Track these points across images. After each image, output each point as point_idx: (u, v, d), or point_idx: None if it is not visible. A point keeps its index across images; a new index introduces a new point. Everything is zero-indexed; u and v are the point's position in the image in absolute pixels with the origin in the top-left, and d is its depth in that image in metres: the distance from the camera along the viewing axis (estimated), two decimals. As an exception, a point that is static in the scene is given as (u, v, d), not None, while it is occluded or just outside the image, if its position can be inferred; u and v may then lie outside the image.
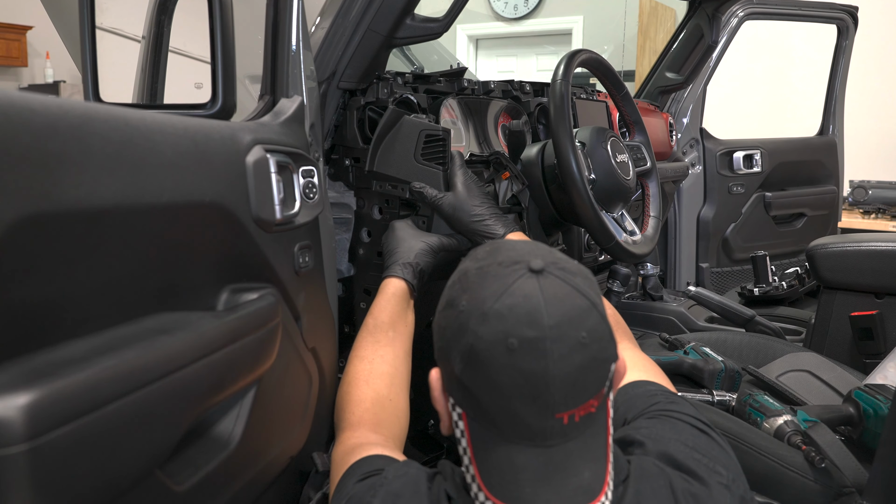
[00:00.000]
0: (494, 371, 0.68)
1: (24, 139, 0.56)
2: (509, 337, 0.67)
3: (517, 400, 0.68)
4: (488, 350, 0.68)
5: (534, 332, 0.67)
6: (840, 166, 3.17)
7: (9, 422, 0.52)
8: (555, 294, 0.69)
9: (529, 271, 0.70)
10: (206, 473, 0.79)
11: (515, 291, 0.69)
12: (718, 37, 2.61)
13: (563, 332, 0.68)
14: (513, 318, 0.68)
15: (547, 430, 0.69)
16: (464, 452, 0.74)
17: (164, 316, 0.74)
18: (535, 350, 0.67)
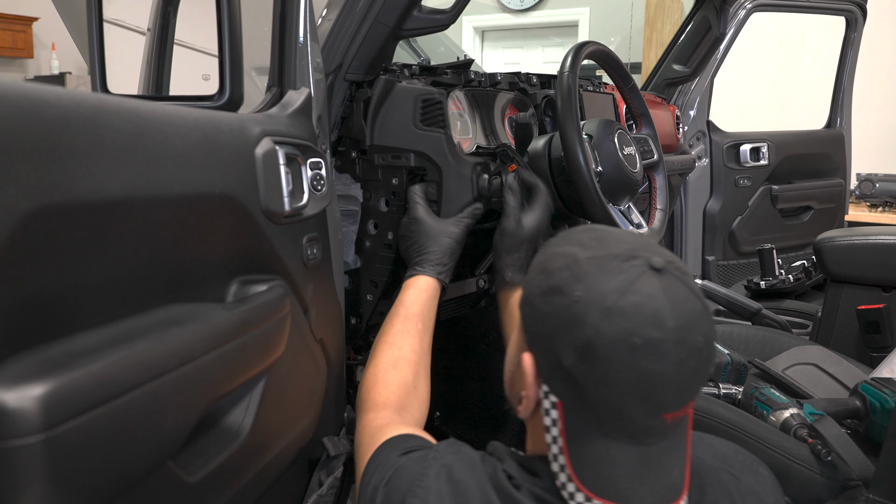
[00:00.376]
0: (613, 368, 0.68)
1: (38, 131, 0.56)
2: (633, 336, 0.67)
3: (629, 398, 0.68)
4: (609, 346, 0.68)
5: (657, 333, 0.67)
6: (847, 159, 3.16)
7: (24, 412, 0.53)
8: (677, 296, 0.69)
9: (651, 269, 0.70)
10: (218, 464, 0.79)
11: (639, 289, 0.69)
12: (726, 29, 2.60)
13: (683, 336, 0.68)
14: (637, 318, 0.68)
15: (650, 430, 0.70)
16: (553, 441, 0.74)
17: (175, 307, 0.75)
18: (656, 351, 0.67)
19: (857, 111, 3.21)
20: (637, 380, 0.68)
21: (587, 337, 0.68)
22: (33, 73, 6.62)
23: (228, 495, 0.84)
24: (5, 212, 0.52)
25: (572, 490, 0.72)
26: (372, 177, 1.36)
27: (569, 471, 0.72)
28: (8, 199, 0.52)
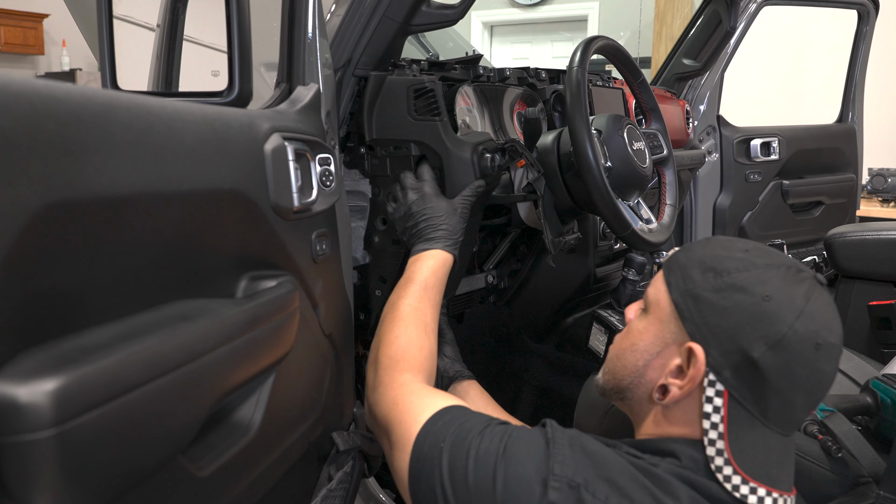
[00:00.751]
0: (797, 362, 0.78)
1: (49, 127, 0.56)
2: (818, 337, 0.78)
3: (802, 392, 0.79)
4: (801, 343, 0.78)
5: (833, 338, 0.80)
6: (859, 154, 3.13)
7: (37, 407, 0.53)
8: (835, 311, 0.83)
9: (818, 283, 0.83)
10: (228, 459, 0.80)
11: (817, 299, 0.81)
12: (736, 23, 2.58)
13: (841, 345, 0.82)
14: (822, 322, 0.79)
15: (798, 423, 0.83)
16: (712, 427, 0.81)
17: (185, 303, 0.75)
18: (831, 354, 0.80)
19: (868, 106, 3.19)
20: (813, 377, 0.79)
21: (782, 332, 0.78)
22: (44, 69, 6.66)
23: (238, 490, 0.85)
24: (18, 208, 0.53)
25: (729, 473, 0.79)
26: (381, 172, 1.36)
27: (727, 454, 0.80)
28: (20, 195, 0.53)
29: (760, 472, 0.80)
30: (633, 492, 0.76)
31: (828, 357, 0.79)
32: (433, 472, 0.81)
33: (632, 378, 0.91)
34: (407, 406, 0.93)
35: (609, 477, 0.77)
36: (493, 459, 0.79)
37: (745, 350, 0.78)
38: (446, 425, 0.85)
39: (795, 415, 0.81)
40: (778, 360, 0.78)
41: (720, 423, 0.80)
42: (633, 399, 0.92)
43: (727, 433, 0.80)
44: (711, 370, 0.81)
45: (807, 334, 0.78)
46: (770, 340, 0.78)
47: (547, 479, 0.76)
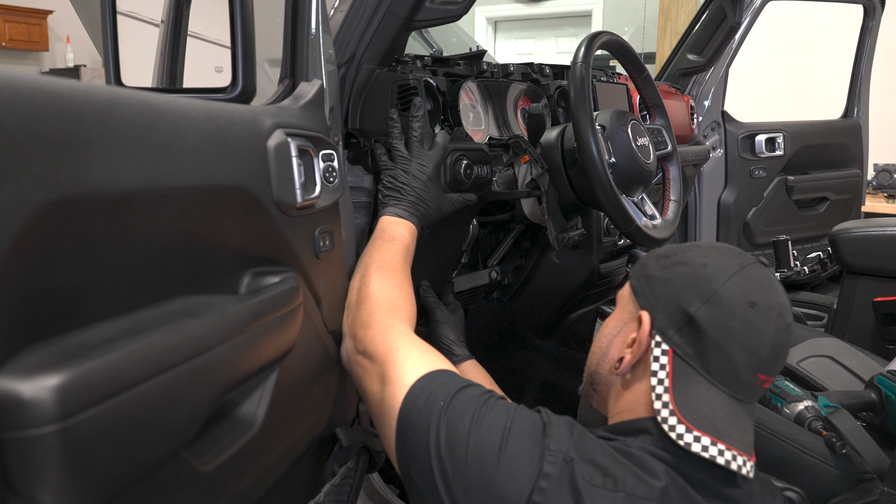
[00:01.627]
0: (732, 317, 0.84)
1: (51, 124, 0.56)
2: (752, 296, 0.85)
3: (739, 347, 0.84)
4: (733, 299, 0.85)
5: (770, 300, 0.86)
6: (864, 149, 3.12)
7: (40, 402, 0.53)
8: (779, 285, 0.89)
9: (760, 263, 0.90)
10: (231, 454, 0.80)
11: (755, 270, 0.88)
12: (741, 18, 2.57)
13: (784, 312, 0.87)
14: (756, 284, 0.87)
15: (746, 385, 0.85)
16: (658, 383, 0.87)
17: (188, 299, 0.75)
18: (768, 313, 0.85)
19: (874, 101, 3.17)
20: (748, 332, 0.84)
21: (714, 290, 0.86)
22: (48, 65, 6.68)
23: (242, 485, 0.85)
24: (21, 204, 0.53)
25: (674, 423, 0.84)
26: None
27: (672, 406, 0.85)
28: (23, 191, 0.53)
29: (705, 423, 0.83)
30: (616, 470, 0.79)
31: (765, 317, 0.85)
32: (428, 428, 0.83)
33: (598, 360, 1.00)
34: (407, 353, 0.95)
35: (592, 459, 0.80)
36: (499, 431, 0.81)
37: (685, 308, 0.87)
38: (445, 385, 0.87)
39: (739, 372, 0.85)
40: (712, 313, 0.85)
41: (665, 378, 0.86)
42: (599, 382, 1.00)
43: (672, 386, 0.86)
44: (658, 332, 0.89)
45: (739, 292, 0.86)
46: (704, 297, 0.86)
47: (544, 454, 0.80)
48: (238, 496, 0.84)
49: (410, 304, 1.08)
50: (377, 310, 1.04)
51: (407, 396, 0.87)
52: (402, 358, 0.94)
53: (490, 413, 0.83)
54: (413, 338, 0.99)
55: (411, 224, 1.20)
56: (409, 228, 1.20)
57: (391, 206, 1.21)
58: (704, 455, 0.82)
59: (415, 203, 1.22)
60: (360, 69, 1.31)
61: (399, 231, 1.18)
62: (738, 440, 0.84)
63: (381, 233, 1.18)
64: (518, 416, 0.84)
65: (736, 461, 0.83)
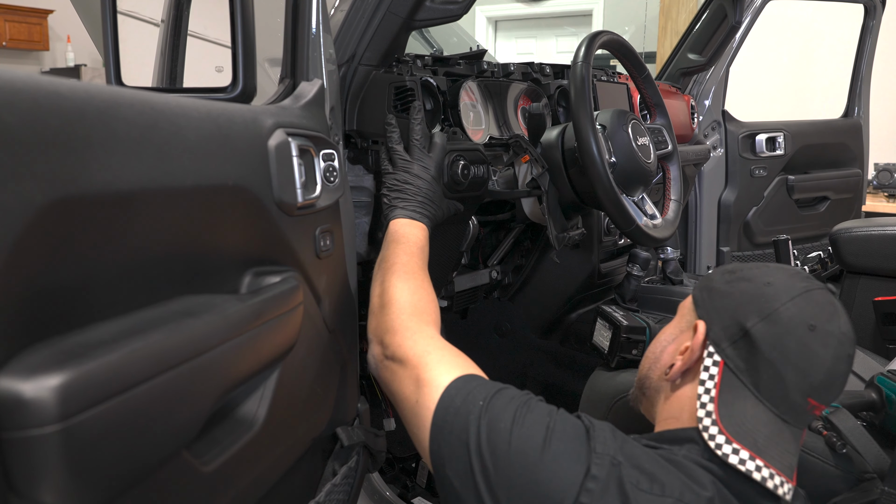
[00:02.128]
0: (789, 337, 0.83)
1: (53, 124, 0.56)
2: (813, 319, 0.84)
3: (792, 369, 0.83)
4: (793, 320, 0.84)
5: (831, 327, 0.84)
6: (865, 149, 3.12)
7: (42, 402, 0.53)
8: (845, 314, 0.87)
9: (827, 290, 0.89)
10: (232, 454, 0.80)
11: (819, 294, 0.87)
12: (742, 17, 2.57)
13: (845, 341, 0.85)
14: (819, 309, 0.85)
15: (794, 407, 0.84)
16: (705, 392, 0.87)
17: (189, 299, 0.75)
18: (827, 339, 0.83)
19: (874, 100, 3.17)
20: (804, 354, 0.83)
21: (775, 308, 0.85)
22: (49, 65, 6.68)
23: (243, 485, 0.85)
24: (22, 204, 0.53)
25: (714, 433, 0.84)
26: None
27: (715, 416, 0.84)
28: (25, 191, 0.53)
29: (746, 437, 0.83)
30: (663, 476, 0.79)
31: (823, 342, 0.83)
32: (468, 427, 0.82)
33: (650, 364, 1.01)
34: (440, 357, 0.94)
35: (638, 464, 0.80)
36: (542, 430, 0.81)
37: (742, 323, 0.86)
38: (483, 386, 0.87)
39: (788, 393, 0.83)
40: (769, 330, 0.84)
41: (713, 388, 0.86)
42: (649, 386, 1.00)
43: (718, 397, 0.85)
44: (712, 343, 0.89)
45: (799, 313, 0.84)
46: (763, 313, 0.85)
47: (590, 456, 0.79)
48: (239, 496, 0.84)
49: (434, 306, 1.08)
50: (402, 314, 1.03)
51: (443, 397, 0.86)
52: (436, 361, 0.93)
53: (531, 413, 0.83)
54: (442, 342, 0.98)
55: (423, 224, 1.20)
56: (421, 229, 1.19)
57: (400, 209, 1.20)
58: (741, 468, 0.82)
59: (423, 203, 1.21)
60: (358, 70, 1.31)
61: (412, 232, 1.18)
62: (778, 460, 0.83)
63: (395, 236, 1.17)
64: (560, 418, 0.84)
65: (773, 479, 0.82)
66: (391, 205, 1.22)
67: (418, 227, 1.19)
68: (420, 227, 1.19)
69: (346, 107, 1.33)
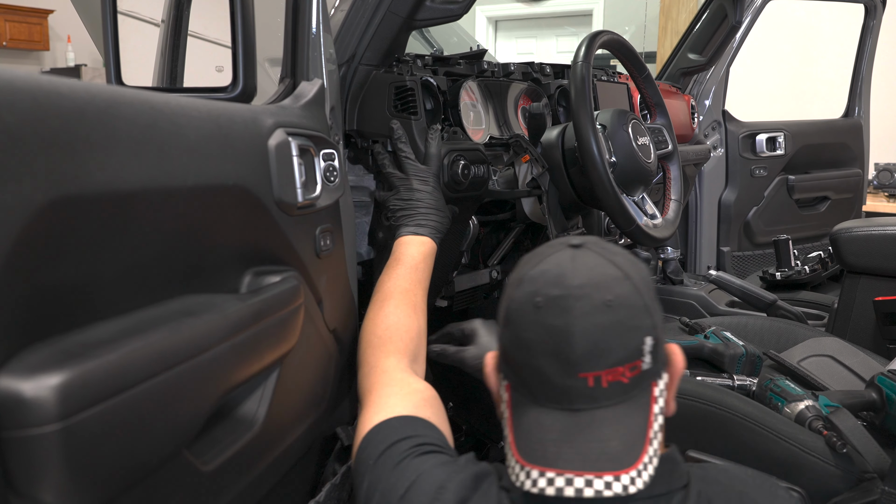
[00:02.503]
0: (522, 328, 0.73)
1: (53, 123, 0.56)
2: (536, 296, 0.72)
3: (542, 356, 0.71)
4: (519, 309, 0.73)
5: (559, 290, 0.71)
6: (865, 149, 3.12)
7: (42, 401, 0.53)
8: (585, 262, 0.73)
9: (569, 246, 0.75)
10: (232, 453, 0.80)
11: (550, 260, 0.74)
12: (742, 17, 2.57)
13: (587, 293, 0.71)
14: (542, 280, 0.73)
15: (572, 391, 0.71)
16: (506, 424, 0.77)
17: (189, 298, 0.75)
18: (558, 306, 0.71)
19: (875, 100, 3.17)
20: (545, 336, 0.71)
21: (506, 307, 0.75)
22: (49, 65, 6.67)
23: (243, 484, 0.85)
24: (22, 204, 0.53)
25: (512, 463, 0.73)
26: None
27: (511, 443, 0.74)
28: (25, 190, 0.53)
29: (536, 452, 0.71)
30: None
31: (556, 311, 0.70)
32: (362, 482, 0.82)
33: None
34: (376, 398, 0.94)
35: None
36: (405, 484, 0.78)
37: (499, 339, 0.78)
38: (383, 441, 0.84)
39: (556, 382, 0.71)
40: (509, 334, 0.75)
41: (507, 412, 0.77)
42: None
43: (511, 422, 0.75)
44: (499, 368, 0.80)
45: (523, 298, 0.73)
46: (502, 320, 0.76)
47: None
48: (239, 496, 0.84)
49: (404, 329, 1.08)
50: (367, 348, 1.06)
51: (361, 442, 0.86)
52: (373, 402, 0.94)
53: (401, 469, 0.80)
54: (390, 377, 0.98)
55: (427, 238, 1.22)
56: (424, 243, 1.21)
57: (403, 226, 1.23)
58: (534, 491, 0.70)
59: (426, 215, 1.23)
60: (358, 70, 1.32)
61: (414, 249, 1.19)
62: (576, 460, 0.70)
63: (395, 255, 1.20)
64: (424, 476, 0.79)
65: (572, 485, 0.69)
66: (396, 224, 1.25)
67: (421, 241, 1.21)
68: (423, 242, 1.21)
69: (347, 106, 1.33)
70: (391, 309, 1.10)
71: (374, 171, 1.39)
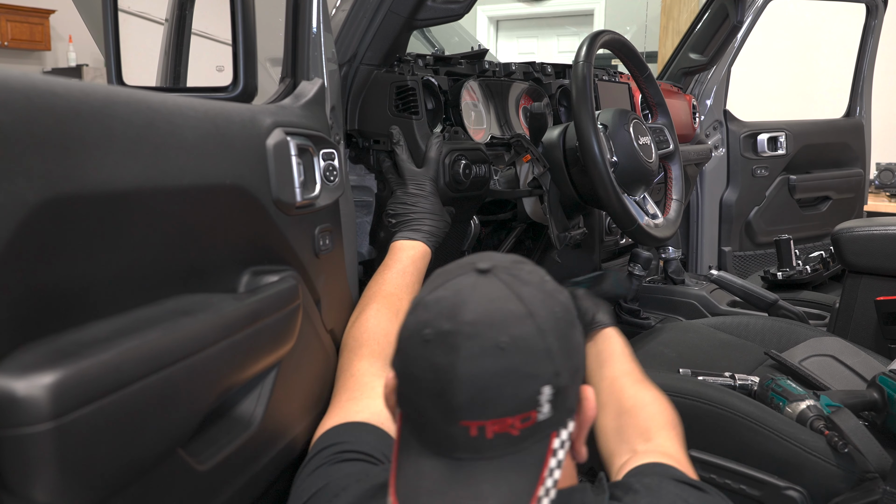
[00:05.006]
0: (409, 360, 0.65)
1: (48, 123, 0.56)
2: (426, 328, 0.63)
3: (426, 395, 0.63)
4: (408, 339, 0.65)
5: (449, 325, 0.62)
6: (867, 148, 3.11)
7: (35, 400, 0.53)
8: (486, 293, 0.64)
9: (475, 270, 0.66)
10: (229, 453, 0.80)
11: (451, 285, 0.65)
12: (743, 16, 2.56)
13: (479, 331, 0.62)
14: (436, 309, 0.64)
15: (453, 438, 0.63)
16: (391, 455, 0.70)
17: (186, 298, 0.75)
18: (446, 343, 0.62)
19: (876, 100, 3.16)
20: (429, 374, 0.63)
21: (400, 336, 0.67)
22: (51, 65, 6.68)
23: (239, 484, 0.85)
24: (16, 203, 0.53)
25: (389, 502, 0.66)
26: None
27: (391, 483, 0.67)
28: (19, 190, 0.53)
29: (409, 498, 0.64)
30: None
31: (444, 349, 0.62)
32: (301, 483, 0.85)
33: None
34: (337, 402, 0.99)
35: None
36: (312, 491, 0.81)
37: None
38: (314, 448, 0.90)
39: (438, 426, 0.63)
40: (399, 363, 0.66)
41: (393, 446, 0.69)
42: None
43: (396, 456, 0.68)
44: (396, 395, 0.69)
45: (413, 327, 0.65)
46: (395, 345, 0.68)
47: None
48: (235, 496, 0.84)
49: (383, 333, 1.09)
50: (343, 351, 1.10)
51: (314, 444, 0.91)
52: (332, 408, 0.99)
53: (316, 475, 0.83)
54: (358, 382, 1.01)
55: (419, 243, 1.23)
56: (416, 248, 1.23)
57: (400, 231, 1.26)
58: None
59: (420, 219, 1.24)
60: (359, 70, 1.32)
61: (401, 255, 1.22)
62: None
63: (387, 259, 1.23)
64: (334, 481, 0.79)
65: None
66: (393, 230, 1.27)
67: (413, 245, 1.23)
68: (414, 246, 1.23)
69: (348, 106, 1.33)
70: (372, 313, 1.12)
71: (375, 170, 1.38)
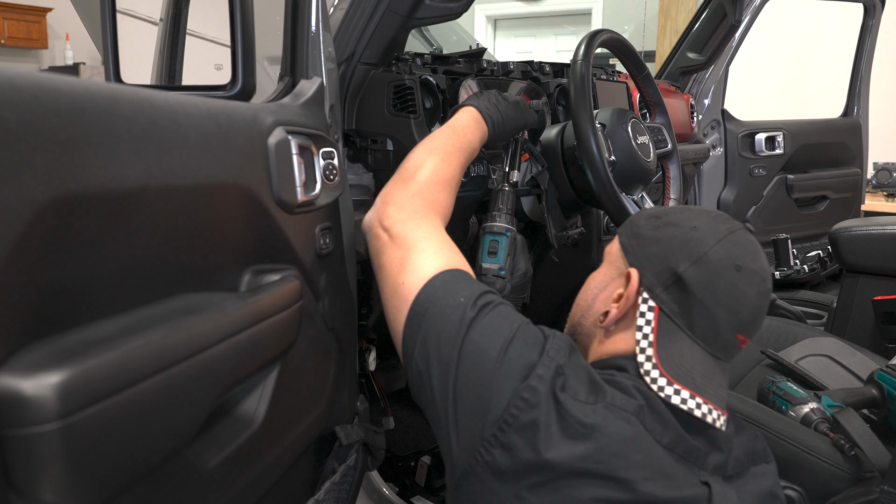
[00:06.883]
0: (719, 278, 0.87)
1: (53, 121, 0.56)
2: (738, 260, 0.88)
3: (723, 308, 0.87)
4: (721, 262, 0.87)
5: (755, 266, 0.89)
6: (864, 148, 3.12)
7: (42, 400, 0.53)
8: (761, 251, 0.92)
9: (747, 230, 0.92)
10: (232, 452, 0.80)
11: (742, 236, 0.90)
12: (742, 16, 2.57)
13: (766, 278, 0.90)
14: (742, 250, 0.89)
15: (726, 345, 0.89)
16: (643, 338, 0.90)
17: (188, 296, 0.75)
18: (752, 277, 0.88)
19: (874, 100, 3.17)
20: (733, 294, 0.87)
21: (703, 252, 0.88)
22: (48, 63, 6.66)
23: (242, 482, 0.85)
24: (22, 202, 0.53)
25: (656, 376, 0.87)
26: (384, 166, 1.36)
27: (655, 360, 0.88)
28: (25, 189, 0.53)
29: (685, 376, 0.87)
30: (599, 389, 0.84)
31: (749, 280, 0.87)
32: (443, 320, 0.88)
33: (582, 312, 1.02)
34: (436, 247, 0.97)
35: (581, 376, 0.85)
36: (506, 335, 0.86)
37: (673, 268, 0.89)
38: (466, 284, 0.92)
39: (720, 332, 0.87)
40: (700, 273, 0.87)
41: (650, 333, 0.89)
42: (582, 332, 1.02)
43: (656, 341, 0.89)
44: (646, 289, 0.91)
45: (727, 255, 0.88)
46: (693, 257, 0.88)
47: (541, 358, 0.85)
48: (239, 494, 0.84)
49: (449, 203, 1.10)
50: (417, 195, 1.05)
51: (427, 285, 0.91)
52: (431, 250, 0.96)
53: (501, 318, 0.88)
54: (442, 234, 1.01)
55: (484, 124, 1.21)
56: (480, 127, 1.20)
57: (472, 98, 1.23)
58: (683, 407, 0.86)
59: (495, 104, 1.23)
60: (357, 68, 1.32)
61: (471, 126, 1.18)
62: (713, 395, 0.88)
63: (455, 121, 1.18)
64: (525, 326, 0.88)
65: (712, 414, 0.87)
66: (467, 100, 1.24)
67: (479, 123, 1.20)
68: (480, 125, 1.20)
69: (346, 105, 1.33)
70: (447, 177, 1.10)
71: (372, 169, 1.39)
